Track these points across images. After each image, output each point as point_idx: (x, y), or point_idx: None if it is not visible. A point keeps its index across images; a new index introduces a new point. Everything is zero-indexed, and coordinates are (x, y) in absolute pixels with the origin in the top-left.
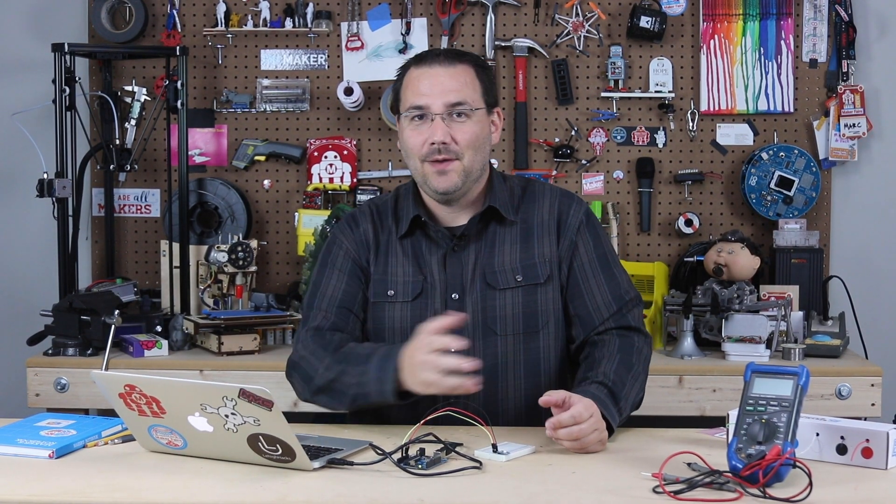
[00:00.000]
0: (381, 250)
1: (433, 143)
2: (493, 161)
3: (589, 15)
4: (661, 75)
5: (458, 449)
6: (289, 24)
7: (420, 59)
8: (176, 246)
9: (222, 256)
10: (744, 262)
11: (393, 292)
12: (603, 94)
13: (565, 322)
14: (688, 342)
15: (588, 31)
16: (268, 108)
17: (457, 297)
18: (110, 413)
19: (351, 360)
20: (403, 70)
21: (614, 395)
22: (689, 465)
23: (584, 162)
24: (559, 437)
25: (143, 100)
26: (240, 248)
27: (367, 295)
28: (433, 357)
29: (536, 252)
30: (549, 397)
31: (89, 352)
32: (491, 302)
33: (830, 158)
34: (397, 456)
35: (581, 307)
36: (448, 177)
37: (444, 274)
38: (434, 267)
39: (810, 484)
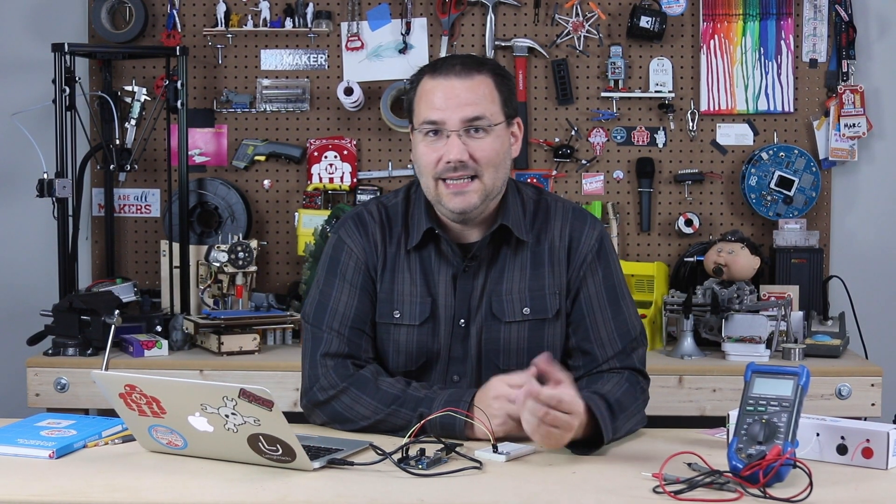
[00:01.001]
0: (388, 264)
1: (449, 162)
2: None
3: (589, 15)
4: (661, 75)
5: (458, 449)
6: (289, 24)
7: (434, 69)
8: (176, 246)
9: (222, 256)
10: (744, 262)
11: (399, 314)
12: (603, 94)
13: (564, 351)
14: (688, 342)
15: (588, 31)
16: (268, 108)
17: (463, 323)
18: (110, 413)
19: (401, 403)
20: (417, 79)
21: (613, 411)
22: (689, 465)
23: (584, 162)
24: (539, 414)
25: (143, 100)
26: (240, 248)
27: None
28: (506, 391)
29: (546, 282)
30: (547, 366)
31: (89, 352)
32: (495, 334)
33: (830, 158)
34: (397, 456)
35: (585, 341)
36: (466, 197)
37: (454, 298)
38: (443, 288)
39: (810, 484)
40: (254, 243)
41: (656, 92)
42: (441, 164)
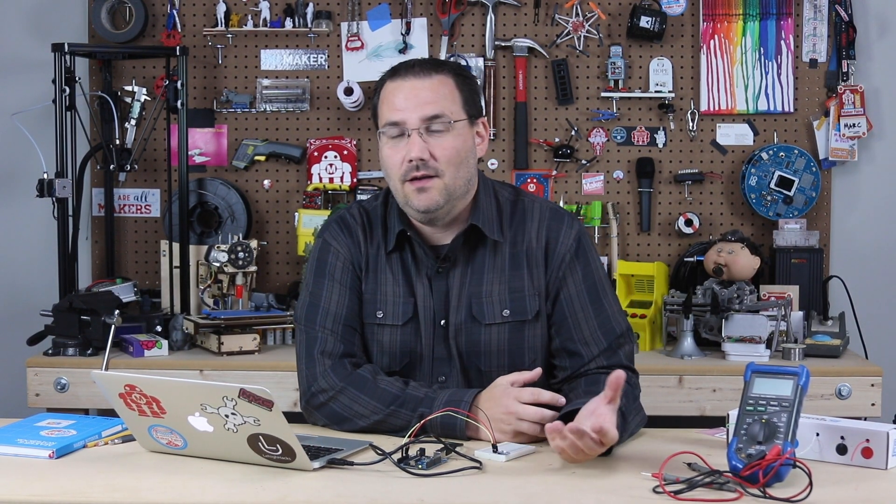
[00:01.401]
0: (371, 266)
1: (411, 161)
2: (493, 162)
3: (589, 15)
4: (661, 75)
5: (458, 449)
6: (289, 24)
7: (395, 72)
8: (176, 246)
9: (222, 256)
10: (744, 262)
11: (382, 314)
12: (603, 94)
13: (549, 353)
14: (688, 342)
15: (588, 31)
16: (268, 108)
17: (444, 323)
18: (110, 413)
19: (401, 403)
20: (380, 84)
21: (626, 420)
22: (689, 465)
23: (584, 162)
24: (569, 436)
25: (143, 100)
26: (240, 248)
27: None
28: (517, 408)
29: (525, 284)
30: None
31: (89, 352)
32: (476, 336)
33: (830, 158)
34: (397, 456)
35: (568, 341)
36: (428, 194)
37: (432, 298)
38: (421, 289)
39: (810, 484)
40: (254, 243)
41: (656, 92)
42: (404, 164)
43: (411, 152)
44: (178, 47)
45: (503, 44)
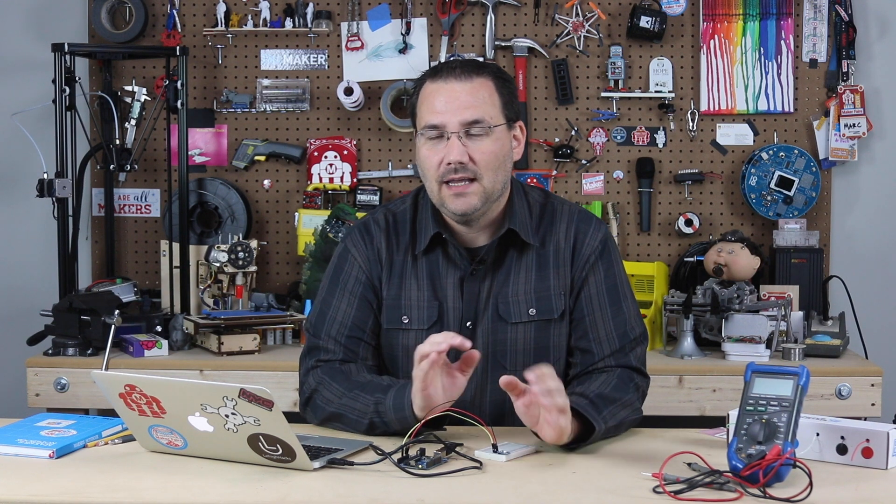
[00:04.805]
0: (395, 271)
1: (449, 164)
2: None
3: (589, 15)
4: (661, 75)
5: (458, 449)
6: (289, 24)
7: (435, 73)
8: (176, 246)
9: (222, 256)
10: (744, 262)
11: (408, 319)
12: (603, 94)
13: (568, 351)
14: (688, 342)
15: (588, 31)
16: (268, 108)
17: (470, 325)
18: (110, 413)
19: (365, 389)
20: (419, 84)
21: (595, 404)
22: (689, 465)
23: (584, 162)
24: (550, 386)
25: (143, 100)
26: (240, 248)
27: (380, 321)
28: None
29: (552, 283)
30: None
31: (89, 352)
32: (502, 335)
33: (830, 158)
34: (397, 456)
35: (583, 340)
36: (467, 199)
37: (461, 301)
38: (450, 291)
39: (810, 484)
40: (254, 243)
41: (656, 92)
42: (442, 166)
43: (450, 155)
44: (178, 47)
45: (503, 44)
